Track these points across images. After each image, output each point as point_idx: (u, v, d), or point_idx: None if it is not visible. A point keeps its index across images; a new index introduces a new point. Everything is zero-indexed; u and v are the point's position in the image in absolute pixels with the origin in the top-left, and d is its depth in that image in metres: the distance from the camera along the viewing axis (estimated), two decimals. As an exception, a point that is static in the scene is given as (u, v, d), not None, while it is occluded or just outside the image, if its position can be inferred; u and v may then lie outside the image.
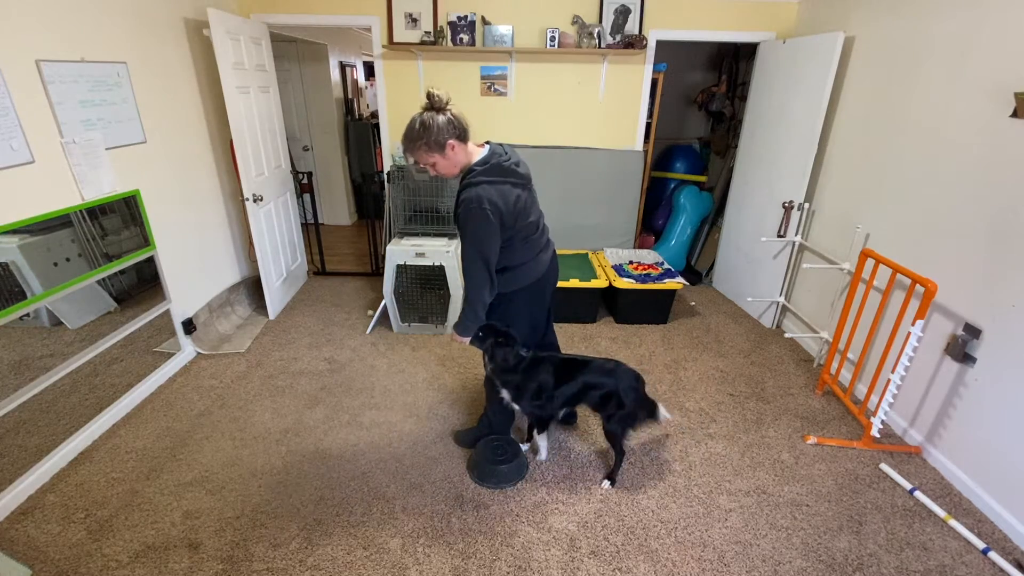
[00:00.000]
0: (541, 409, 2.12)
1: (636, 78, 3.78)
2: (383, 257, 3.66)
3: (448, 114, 1.70)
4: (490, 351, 2.01)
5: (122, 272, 2.53)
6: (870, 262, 2.64)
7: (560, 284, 3.26)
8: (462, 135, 1.73)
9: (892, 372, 2.26)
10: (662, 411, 2.17)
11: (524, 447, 2.35)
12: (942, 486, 2.20)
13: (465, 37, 3.57)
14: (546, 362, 2.07)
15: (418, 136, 1.70)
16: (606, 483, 2.17)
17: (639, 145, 3.99)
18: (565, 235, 4.13)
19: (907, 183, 2.51)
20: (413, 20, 3.57)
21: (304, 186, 4.44)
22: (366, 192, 5.03)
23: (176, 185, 2.96)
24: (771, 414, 2.66)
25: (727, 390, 2.86)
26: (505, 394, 2.10)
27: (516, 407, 2.13)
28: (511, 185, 1.77)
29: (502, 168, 1.76)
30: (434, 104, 1.70)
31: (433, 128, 1.68)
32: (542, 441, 2.26)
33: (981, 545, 1.89)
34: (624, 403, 2.03)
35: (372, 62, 5.04)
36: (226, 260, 3.53)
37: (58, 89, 2.15)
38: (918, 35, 2.47)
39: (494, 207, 1.70)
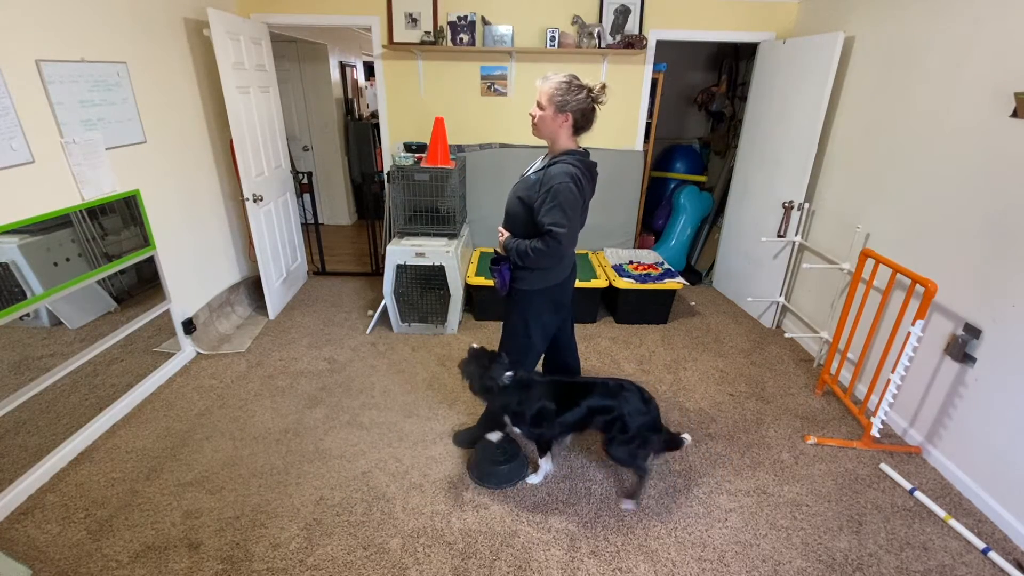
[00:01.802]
0: (542, 435, 2.07)
1: (636, 78, 3.78)
2: (383, 257, 3.66)
3: (589, 103, 1.80)
4: (464, 366, 1.99)
5: (122, 272, 2.53)
6: (870, 262, 2.63)
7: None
8: (577, 123, 1.83)
9: (892, 372, 2.26)
10: (687, 438, 2.12)
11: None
12: (942, 486, 2.20)
13: (465, 37, 3.57)
14: (539, 386, 1.99)
15: (559, 87, 1.79)
16: (627, 503, 2.05)
17: (639, 145, 3.99)
18: (565, 235, 4.12)
19: (907, 183, 2.51)
20: (413, 20, 3.57)
21: (304, 186, 4.44)
22: (366, 192, 5.02)
23: (176, 185, 2.96)
24: (771, 414, 2.66)
25: (727, 390, 2.86)
26: (507, 419, 2.04)
27: (518, 431, 2.06)
28: (589, 186, 1.88)
29: (590, 167, 1.89)
30: (593, 90, 1.80)
31: (572, 95, 1.78)
32: (544, 464, 2.17)
33: (981, 545, 1.89)
34: (628, 427, 1.93)
35: (372, 62, 5.04)
36: (226, 260, 3.52)
37: (58, 89, 2.15)
38: (918, 35, 2.47)
39: (580, 186, 1.80)
